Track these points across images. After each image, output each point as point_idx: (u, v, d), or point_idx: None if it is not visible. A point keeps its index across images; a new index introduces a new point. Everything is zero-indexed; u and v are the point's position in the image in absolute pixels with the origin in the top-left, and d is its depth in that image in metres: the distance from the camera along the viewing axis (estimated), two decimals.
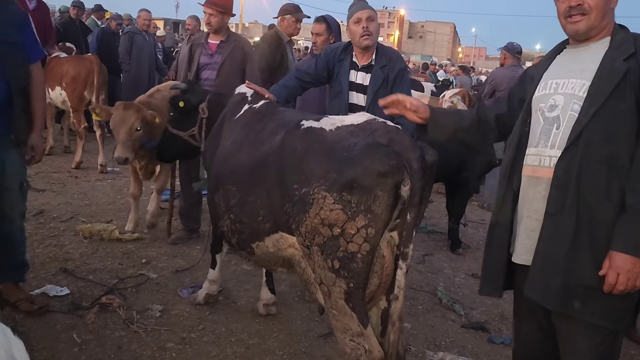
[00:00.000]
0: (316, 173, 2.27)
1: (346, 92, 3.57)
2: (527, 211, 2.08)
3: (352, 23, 3.46)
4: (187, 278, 3.95)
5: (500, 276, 2.18)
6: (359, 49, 3.52)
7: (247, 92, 3.26)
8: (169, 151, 3.92)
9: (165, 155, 4.04)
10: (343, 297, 2.24)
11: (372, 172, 2.14)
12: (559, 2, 2.05)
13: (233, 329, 3.33)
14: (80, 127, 6.59)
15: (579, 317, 1.93)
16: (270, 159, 2.53)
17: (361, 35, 3.43)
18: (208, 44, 4.44)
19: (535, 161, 2.05)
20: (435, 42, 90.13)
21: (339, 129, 2.39)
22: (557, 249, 1.92)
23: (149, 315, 3.37)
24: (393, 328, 2.28)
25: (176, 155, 4.06)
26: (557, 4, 2.06)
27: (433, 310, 3.90)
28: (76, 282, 3.68)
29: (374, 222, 2.16)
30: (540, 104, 2.08)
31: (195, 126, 3.59)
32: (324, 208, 2.21)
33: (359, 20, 3.43)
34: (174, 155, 4.08)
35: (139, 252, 4.33)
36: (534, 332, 2.23)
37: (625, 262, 1.82)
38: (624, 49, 1.91)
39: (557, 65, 2.13)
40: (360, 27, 3.42)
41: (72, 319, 3.22)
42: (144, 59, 8.29)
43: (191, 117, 3.62)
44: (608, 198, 1.86)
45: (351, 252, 2.19)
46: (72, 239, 4.42)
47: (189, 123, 3.63)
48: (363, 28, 3.41)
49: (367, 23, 3.42)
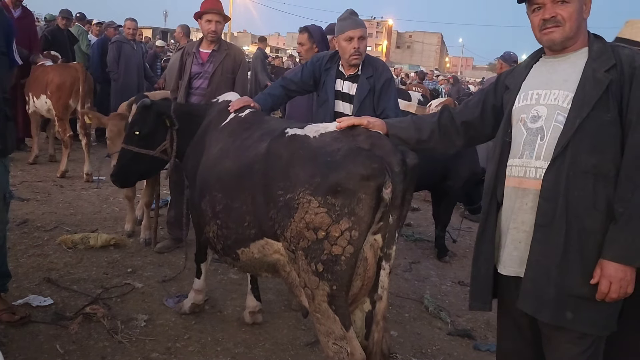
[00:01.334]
0: (301, 178, 2.31)
1: (332, 101, 3.60)
2: (513, 222, 2.09)
3: (343, 40, 3.45)
4: (172, 287, 3.92)
5: (489, 289, 2.20)
6: (347, 63, 3.56)
7: (233, 100, 3.27)
8: (132, 174, 3.66)
9: (129, 180, 3.75)
10: (326, 300, 2.27)
11: (355, 176, 2.20)
12: (532, 15, 2.08)
13: (219, 339, 3.31)
14: (65, 135, 6.54)
15: (570, 327, 1.95)
16: (255, 166, 2.57)
17: (351, 55, 3.45)
18: (199, 52, 4.43)
19: (521, 172, 2.06)
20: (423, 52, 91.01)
21: (323, 135, 2.45)
22: (548, 261, 1.94)
23: (134, 325, 3.33)
24: (377, 327, 2.34)
25: (141, 177, 3.88)
26: (530, 17, 2.09)
27: (419, 318, 3.90)
28: (60, 292, 3.64)
29: (357, 225, 2.21)
30: (522, 115, 2.09)
31: (166, 140, 3.47)
32: (309, 212, 2.25)
33: (350, 39, 3.42)
34: (138, 178, 3.83)
35: (124, 262, 4.29)
36: (517, 340, 2.25)
37: (617, 270, 1.85)
38: (604, 59, 1.95)
39: (536, 75, 2.15)
40: (351, 47, 3.42)
41: (56, 329, 3.18)
42: (132, 67, 8.27)
43: (160, 132, 3.48)
44: (596, 207, 1.89)
45: (335, 255, 2.22)
46: (56, 249, 4.38)
47: (157, 139, 3.49)
48: (354, 48, 3.42)
49: (358, 43, 3.43)
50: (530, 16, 2.09)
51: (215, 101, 3.44)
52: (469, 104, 2.41)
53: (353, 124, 2.46)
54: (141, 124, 3.48)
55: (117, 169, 3.65)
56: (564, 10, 1.98)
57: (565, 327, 1.96)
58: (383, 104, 3.53)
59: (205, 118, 3.31)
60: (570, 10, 1.98)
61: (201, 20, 4.31)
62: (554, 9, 1.99)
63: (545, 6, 2.01)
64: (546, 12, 2.01)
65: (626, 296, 1.90)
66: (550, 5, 2.00)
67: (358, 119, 2.48)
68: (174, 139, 3.45)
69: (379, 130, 2.44)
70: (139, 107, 3.48)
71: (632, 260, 1.86)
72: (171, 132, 3.47)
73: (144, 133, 3.46)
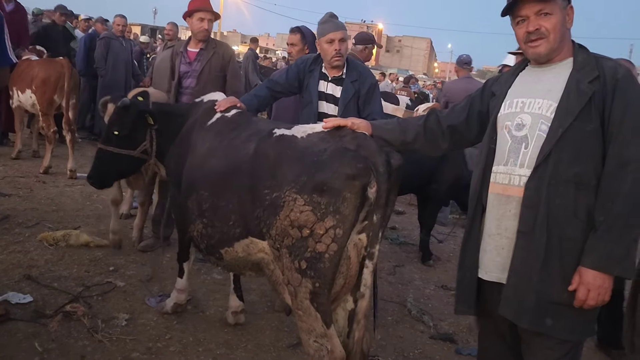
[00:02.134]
0: (288, 177, 2.35)
1: (316, 102, 3.65)
2: (497, 229, 2.11)
3: (325, 42, 3.51)
4: (155, 287, 3.88)
5: (474, 294, 2.22)
6: (329, 65, 3.60)
7: (219, 100, 3.27)
8: (111, 175, 3.65)
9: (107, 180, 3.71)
10: (308, 297, 2.30)
11: (341, 175, 2.24)
12: (517, 28, 2.10)
13: (201, 339, 3.28)
14: (49, 131, 6.44)
15: (549, 334, 1.97)
16: (243, 165, 2.59)
17: (333, 57, 3.51)
18: (187, 52, 4.41)
19: (505, 179, 2.09)
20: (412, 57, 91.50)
21: (310, 136, 2.48)
22: (529, 268, 1.97)
23: (115, 324, 3.30)
24: (358, 326, 2.37)
25: (119, 176, 3.87)
26: (515, 29, 2.11)
27: (402, 321, 3.92)
28: (40, 290, 3.59)
29: (341, 223, 2.25)
30: (507, 122, 2.12)
31: (146, 140, 3.46)
32: (294, 210, 2.29)
33: (331, 41, 3.48)
34: (116, 178, 3.85)
35: (107, 260, 4.24)
36: (498, 344, 2.27)
37: (595, 278, 1.88)
38: (587, 70, 1.97)
39: (521, 83, 2.17)
40: (332, 49, 3.49)
41: (35, 327, 3.13)
42: (119, 64, 8.20)
43: (139, 132, 3.46)
44: (576, 215, 1.93)
45: (319, 252, 2.26)
46: (37, 246, 4.31)
47: (137, 139, 3.47)
48: (335, 50, 3.49)
49: (339, 45, 3.49)
50: (515, 28, 2.11)
51: (200, 101, 3.43)
52: (455, 108, 2.43)
53: (338, 124, 2.48)
54: (120, 124, 3.44)
55: (95, 170, 3.58)
56: (547, 22, 2.00)
57: (544, 333, 1.98)
58: (369, 109, 3.59)
59: (189, 117, 3.30)
60: (553, 21, 2.00)
61: (192, 18, 4.29)
62: (537, 21, 2.02)
63: (529, 19, 2.03)
64: (530, 24, 2.03)
65: (603, 304, 1.93)
66: (533, 17, 2.02)
67: (343, 120, 2.50)
68: (153, 139, 3.45)
69: (364, 131, 2.46)
70: (119, 107, 3.45)
71: (610, 269, 1.89)
72: (150, 132, 3.46)
73: (123, 133, 3.43)
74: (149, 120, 3.42)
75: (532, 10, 2.02)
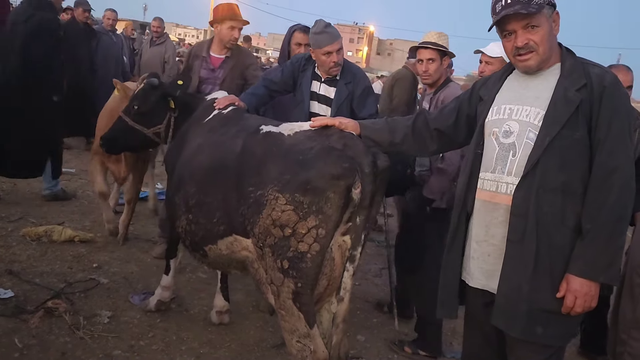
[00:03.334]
0: (271, 175, 2.33)
1: (307, 102, 3.63)
2: (484, 235, 2.12)
3: (322, 54, 3.45)
4: (139, 284, 3.85)
5: (456, 298, 2.23)
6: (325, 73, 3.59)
7: (219, 97, 3.28)
8: (120, 144, 3.72)
9: (115, 147, 3.80)
10: (291, 297, 2.29)
11: (325, 175, 2.23)
12: (504, 40, 2.08)
13: (184, 338, 3.26)
14: None
15: (539, 341, 1.99)
16: (229, 162, 2.57)
17: (331, 68, 3.50)
18: (210, 57, 4.22)
19: (493, 187, 2.08)
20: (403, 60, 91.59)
21: (297, 134, 2.47)
22: (520, 277, 1.97)
23: (97, 321, 3.26)
24: (337, 330, 2.39)
25: (126, 149, 3.93)
26: (503, 42, 2.09)
27: (387, 324, 3.91)
28: (21, 285, 3.54)
29: (324, 223, 2.24)
30: (494, 129, 2.11)
31: (162, 124, 3.49)
32: (276, 209, 2.27)
33: (329, 54, 3.44)
34: (123, 149, 3.93)
35: (90, 256, 4.20)
36: (483, 347, 2.27)
37: (582, 285, 1.89)
38: (575, 78, 1.97)
39: (509, 89, 2.15)
40: (330, 60, 3.45)
41: (15, 323, 3.08)
42: (110, 59, 8.06)
43: (157, 114, 3.50)
44: (564, 223, 1.93)
45: (301, 252, 2.24)
46: (20, 240, 4.25)
47: (153, 120, 3.50)
48: (334, 62, 3.47)
49: (337, 57, 3.47)
50: (502, 41, 2.09)
51: (204, 98, 3.43)
52: (443, 111, 2.42)
53: (326, 124, 2.47)
54: (142, 100, 3.51)
55: (108, 134, 3.67)
56: (535, 36, 1.99)
57: (534, 341, 1.99)
58: (365, 111, 3.55)
59: (193, 114, 3.30)
60: (541, 34, 1.99)
61: (221, 25, 4.11)
62: (525, 35, 1.99)
63: (517, 33, 2.01)
64: (518, 39, 2.01)
65: (590, 310, 1.95)
66: (521, 32, 2.00)
67: (330, 119, 2.50)
68: (171, 125, 3.47)
69: (352, 131, 2.45)
70: (146, 84, 3.54)
71: (596, 276, 1.90)
72: (169, 117, 3.47)
73: (141, 110, 3.49)
74: (170, 104, 3.45)
75: (519, 25, 1.99)
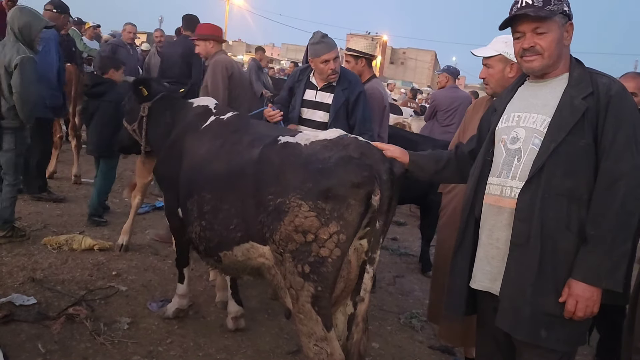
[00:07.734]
0: (292, 183, 2.39)
1: (298, 109, 3.87)
2: (488, 239, 2.16)
3: (320, 63, 3.69)
4: (157, 291, 3.93)
5: (463, 302, 2.27)
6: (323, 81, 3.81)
7: (210, 104, 3.40)
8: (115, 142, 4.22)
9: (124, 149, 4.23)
10: (310, 301, 2.34)
11: (347, 182, 2.29)
12: (515, 42, 2.16)
13: (201, 344, 3.32)
14: (55, 136, 6.51)
15: (544, 345, 2.01)
16: (247, 170, 2.63)
17: (329, 75, 3.74)
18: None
19: (497, 191, 2.14)
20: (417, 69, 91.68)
21: (313, 143, 2.53)
22: (524, 280, 2.01)
23: (117, 327, 3.34)
24: (357, 328, 2.43)
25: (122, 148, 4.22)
26: (514, 43, 2.17)
27: (401, 331, 3.94)
28: (43, 292, 3.64)
29: (345, 229, 2.30)
30: (503, 136, 2.18)
31: (135, 123, 3.79)
32: (299, 215, 2.33)
33: (326, 62, 3.67)
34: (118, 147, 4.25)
35: (110, 264, 4.29)
36: (495, 353, 2.30)
37: (584, 290, 1.92)
38: (582, 87, 2.02)
39: (519, 98, 2.23)
40: (328, 68, 3.69)
41: (38, 329, 3.17)
42: (125, 72, 8.22)
43: (134, 111, 3.81)
44: (569, 228, 1.97)
45: (322, 257, 2.30)
46: (42, 249, 4.37)
47: (132, 117, 3.84)
48: (331, 69, 3.69)
49: (334, 64, 3.70)
50: (514, 42, 2.17)
51: (189, 105, 3.53)
52: (472, 137, 2.52)
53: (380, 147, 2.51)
54: (127, 97, 3.92)
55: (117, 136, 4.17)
56: (542, 41, 2.06)
57: (539, 345, 2.01)
58: (356, 115, 3.78)
59: (179, 123, 3.43)
60: (548, 40, 2.05)
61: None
62: (532, 38, 2.07)
63: (525, 35, 2.09)
64: (525, 41, 2.09)
65: (592, 315, 1.97)
66: (530, 35, 2.08)
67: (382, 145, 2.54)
68: (142, 126, 3.73)
69: (399, 157, 2.49)
70: (133, 81, 3.82)
71: (599, 282, 1.93)
72: (141, 118, 3.72)
73: (126, 108, 3.92)
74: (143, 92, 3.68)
75: (529, 28, 2.07)
